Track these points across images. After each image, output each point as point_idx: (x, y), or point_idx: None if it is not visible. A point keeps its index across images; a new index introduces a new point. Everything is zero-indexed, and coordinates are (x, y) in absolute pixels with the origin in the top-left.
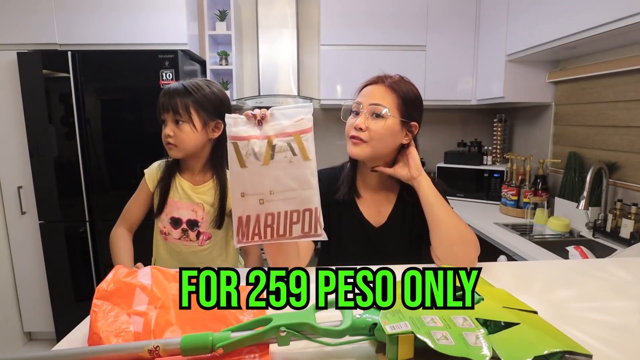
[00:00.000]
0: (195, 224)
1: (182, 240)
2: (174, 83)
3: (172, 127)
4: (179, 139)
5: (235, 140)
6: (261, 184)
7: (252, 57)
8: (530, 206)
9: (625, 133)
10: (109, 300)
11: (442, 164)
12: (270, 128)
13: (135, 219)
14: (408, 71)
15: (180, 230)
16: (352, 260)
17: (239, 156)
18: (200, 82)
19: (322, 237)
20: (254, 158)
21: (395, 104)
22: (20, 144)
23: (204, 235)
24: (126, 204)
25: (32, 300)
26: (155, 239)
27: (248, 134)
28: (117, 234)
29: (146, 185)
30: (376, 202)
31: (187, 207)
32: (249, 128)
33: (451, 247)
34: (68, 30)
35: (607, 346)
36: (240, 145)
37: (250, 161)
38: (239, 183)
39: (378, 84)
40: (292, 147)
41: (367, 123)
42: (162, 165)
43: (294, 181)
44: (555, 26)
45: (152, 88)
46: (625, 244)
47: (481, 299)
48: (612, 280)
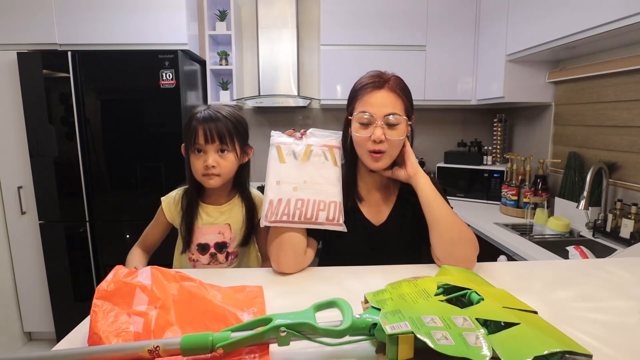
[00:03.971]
0: (223, 245)
1: (211, 264)
2: (203, 109)
3: (215, 157)
4: (223, 169)
5: (279, 144)
6: (297, 175)
7: (252, 57)
8: (530, 206)
9: (625, 133)
10: (109, 300)
11: (442, 164)
12: (309, 140)
13: (151, 243)
14: (408, 71)
15: (208, 255)
16: (352, 260)
17: (280, 155)
18: (227, 107)
19: (342, 227)
20: (293, 157)
21: (404, 108)
22: (20, 144)
23: (232, 254)
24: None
25: (32, 300)
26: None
27: (290, 141)
28: (134, 251)
29: (163, 215)
30: (376, 201)
31: (213, 231)
32: (288, 139)
33: (450, 246)
34: (68, 30)
35: (607, 346)
36: (283, 147)
37: (290, 159)
38: (275, 174)
39: (383, 89)
40: (326, 154)
41: (385, 133)
42: (180, 196)
43: (323, 178)
44: (555, 26)
45: (152, 88)
46: (625, 244)
47: (481, 299)
48: (612, 280)
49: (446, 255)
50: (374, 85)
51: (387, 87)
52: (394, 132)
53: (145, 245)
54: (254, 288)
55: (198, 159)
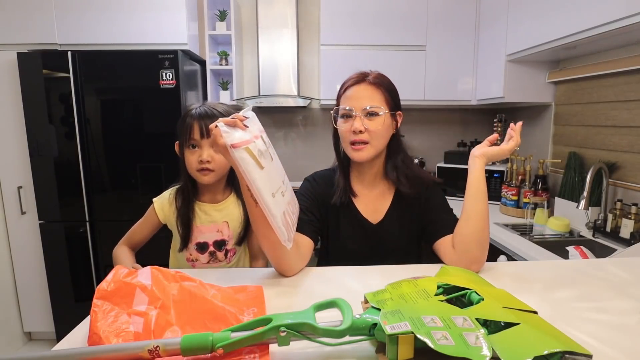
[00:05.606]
0: (222, 243)
1: (210, 263)
2: (197, 106)
3: (210, 151)
4: (218, 164)
5: (245, 144)
6: (275, 178)
7: (252, 57)
8: (530, 206)
9: (625, 133)
10: (109, 300)
11: (442, 164)
12: (253, 128)
13: (138, 241)
14: (408, 71)
15: (207, 254)
16: (352, 259)
17: (255, 159)
18: (222, 105)
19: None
20: (264, 157)
21: (384, 99)
22: (20, 144)
23: (231, 252)
24: (132, 227)
25: (32, 300)
26: (175, 267)
27: (248, 137)
28: (120, 249)
29: (155, 216)
30: (372, 199)
31: (212, 229)
32: (241, 133)
33: (472, 243)
34: (68, 30)
35: (607, 346)
36: (251, 147)
37: (263, 161)
38: (266, 185)
39: (362, 83)
40: (266, 141)
41: (364, 124)
42: (174, 195)
43: (280, 168)
44: (555, 26)
45: (152, 88)
46: (625, 244)
47: (481, 299)
48: (612, 280)
49: (463, 251)
50: (354, 81)
51: (367, 81)
52: (372, 123)
53: (132, 244)
54: (254, 288)
55: (193, 154)
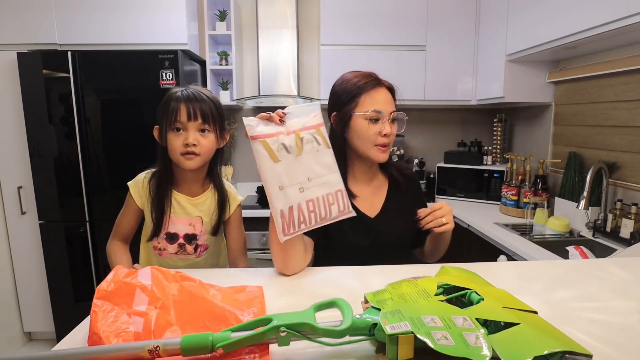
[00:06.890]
0: (193, 237)
1: (178, 254)
2: (181, 89)
3: (196, 135)
4: (203, 149)
5: (263, 138)
6: (298, 173)
7: (252, 57)
8: (530, 206)
9: (625, 133)
10: (109, 300)
11: (442, 164)
12: (292, 124)
13: (127, 232)
14: (408, 71)
15: (176, 245)
16: (354, 254)
17: (270, 152)
18: (207, 90)
19: (352, 213)
20: (286, 152)
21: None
22: (20, 144)
23: (202, 247)
24: (116, 218)
25: (32, 300)
26: (145, 256)
27: (274, 131)
28: (112, 246)
29: (133, 202)
30: (368, 195)
31: (184, 222)
32: (270, 127)
33: (438, 256)
34: (68, 30)
35: (607, 346)
36: (270, 141)
37: (283, 155)
38: (274, 177)
39: (381, 87)
40: (316, 138)
41: (391, 128)
42: (148, 179)
43: (322, 167)
44: (555, 26)
45: (152, 88)
46: (625, 244)
47: (481, 299)
48: (612, 280)
49: (430, 256)
50: (375, 83)
51: (384, 85)
52: (394, 128)
53: (122, 236)
54: (254, 288)
55: (177, 137)
